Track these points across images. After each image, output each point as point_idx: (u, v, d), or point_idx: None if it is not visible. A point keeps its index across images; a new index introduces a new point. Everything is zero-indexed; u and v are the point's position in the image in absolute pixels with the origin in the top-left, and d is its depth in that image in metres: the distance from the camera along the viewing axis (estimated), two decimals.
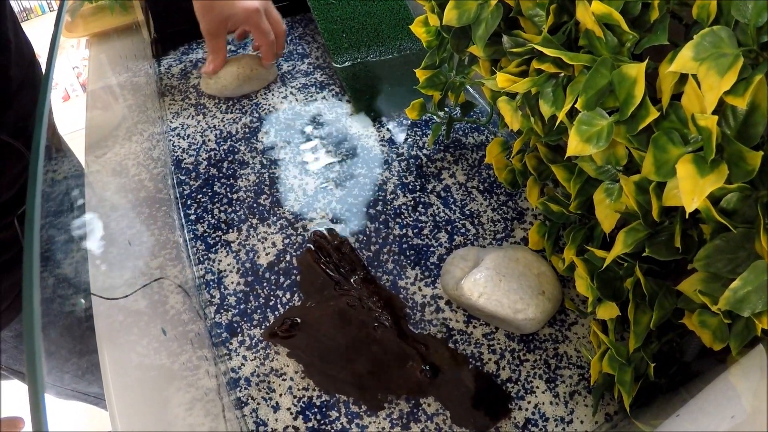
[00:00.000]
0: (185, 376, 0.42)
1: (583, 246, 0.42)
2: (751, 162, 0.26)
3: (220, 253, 0.52)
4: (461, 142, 0.62)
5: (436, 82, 0.55)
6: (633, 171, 0.34)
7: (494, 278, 0.45)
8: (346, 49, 0.70)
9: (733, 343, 0.30)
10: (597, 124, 0.32)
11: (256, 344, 0.46)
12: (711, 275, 0.30)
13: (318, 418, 0.42)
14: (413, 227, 0.54)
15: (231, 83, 0.66)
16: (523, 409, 0.43)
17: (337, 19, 0.70)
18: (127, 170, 0.58)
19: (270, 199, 0.56)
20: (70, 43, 0.84)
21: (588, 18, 0.32)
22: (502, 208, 0.56)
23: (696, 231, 0.33)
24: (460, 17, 0.40)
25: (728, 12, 0.27)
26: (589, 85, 0.32)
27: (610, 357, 0.38)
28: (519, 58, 0.38)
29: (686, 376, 0.39)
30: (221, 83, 0.66)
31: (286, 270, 0.50)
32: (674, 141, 0.29)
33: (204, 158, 0.60)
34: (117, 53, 0.72)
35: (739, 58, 0.25)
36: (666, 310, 0.34)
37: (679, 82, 0.29)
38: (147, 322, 0.45)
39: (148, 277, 0.48)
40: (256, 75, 0.68)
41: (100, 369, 0.42)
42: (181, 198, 0.56)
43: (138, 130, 0.63)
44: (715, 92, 0.26)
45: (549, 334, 0.47)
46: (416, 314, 0.48)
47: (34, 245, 0.25)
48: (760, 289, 0.26)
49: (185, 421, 0.40)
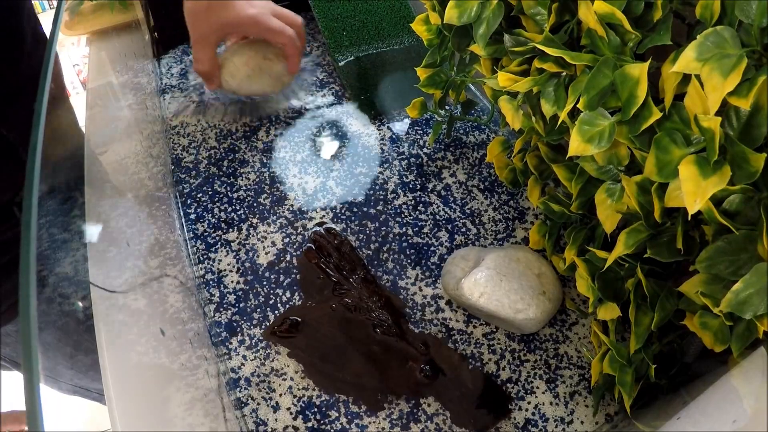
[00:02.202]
0: (185, 375, 0.42)
1: (584, 246, 0.42)
2: (754, 163, 0.26)
3: (220, 252, 0.51)
4: (462, 141, 0.62)
5: (437, 81, 0.54)
6: (635, 171, 0.34)
7: (495, 278, 0.44)
8: (346, 47, 0.69)
9: (734, 345, 0.30)
10: (599, 124, 0.32)
11: (256, 344, 0.46)
12: (713, 277, 0.30)
13: (318, 418, 0.42)
14: (413, 226, 0.54)
15: (236, 78, 0.57)
16: (523, 410, 0.43)
17: (338, 17, 0.70)
18: (126, 168, 0.58)
19: (270, 198, 0.56)
20: (70, 40, 0.84)
21: (590, 17, 0.32)
22: (503, 208, 0.56)
23: (698, 232, 0.33)
24: (461, 16, 0.40)
25: (732, 12, 0.26)
26: (591, 85, 0.31)
27: (611, 358, 0.38)
28: (520, 57, 0.38)
29: (687, 377, 0.39)
30: (224, 77, 0.57)
31: (286, 269, 0.50)
32: (677, 142, 0.29)
33: (204, 157, 0.60)
34: (117, 51, 0.72)
35: (743, 59, 0.25)
36: (667, 311, 0.34)
37: (681, 82, 0.29)
38: (147, 321, 0.45)
39: (148, 276, 0.48)
40: (269, 69, 0.58)
41: (100, 368, 0.42)
42: (181, 197, 0.56)
43: (138, 128, 0.62)
44: (718, 93, 0.25)
45: (549, 335, 0.47)
46: (416, 314, 0.48)
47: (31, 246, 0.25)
48: (762, 292, 0.26)
49: (185, 420, 0.40)
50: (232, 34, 0.58)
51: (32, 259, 0.25)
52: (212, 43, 0.56)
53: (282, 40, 0.57)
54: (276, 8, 0.58)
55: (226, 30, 0.56)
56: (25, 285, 0.25)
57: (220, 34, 0.56)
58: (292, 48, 0.58)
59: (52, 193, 0.45)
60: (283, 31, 0.56)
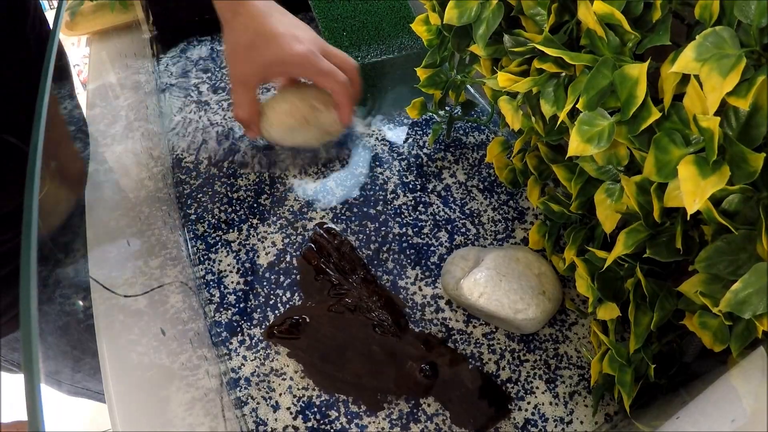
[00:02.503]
0: (185, 375, 0.42)
1: (584, 246, 0.42)
2: (753, 163, 0.26)
3: (220, 252, 0.52)
4: (462, 142, 0.62)
5: (437, 81, 0.55)
6: (634, 171, 0.34)
7: (494, 278, 0.44)
8: (346, 47, 0.69)
9: (733, 344, 0.30)
10: (598, 124, 0.32)
11: (256, 344, 0.46)
12: (712, 277, 0.30)
13: (317, 418, 0.42)
14: (413, 226, 0.54)
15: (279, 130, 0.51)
16: (522, 410, 0.43)
17: (338, 17, 0.70)
18: (126, 169, 0.58)
19: (270, 199, 0.56)
20: (70, 41, 0.84)
21: (590, 17, 0.32)
22: (503, 208, 0.56)
23: (697, 232, 0.33)
24: (461, 16, 0.40)
25: (731, 12, 0.26)
26: (591, 85, 0.32)
27: (611, 357, 0.38)
28: (520, 58, 0.38)
29: (686, 377, 0.39)
30: (264, 126, 0.52)
31: (287, 270, 0.50)
32: (676, 142, 0.29)
33: (204, 157, 0.60)
34: (117, 51, 0.72)
35: (742, 59, 0.25)
36: (666, 311, 0.34)
37: (681, 82, 0.29)
38: (147, 321, 0.45)
39: (148, 276, 0.48)
40: (316, 120, 0.51)
41: (101, 368, 0.42)
42: (181, 197, 0.56)
43: (138, 128, 0.62)
44: (717, 93, 0.26)
45: (549, 335, 0.47)
46: (416, 314, 0.48)
47: (32, 246, 0.25)
48: (761, 291, 0.26)
49: (185, 420, 0.40)
50: (277, 75, 0.52)
51: (33, 260, 0.25)
52: (253, 85, 0.51)
53: (332, 86, 0.50)
54: (326, 46, 0.52)
55: (269, 71, 0.50)
56: (25, 285, 0.25)
57: (263, 75, 0.51)
58: (344, 96, 0.51)
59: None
60: (334, 75, 0.50)
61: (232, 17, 0.49)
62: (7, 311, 0.60)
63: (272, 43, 0.49)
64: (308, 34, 0.51)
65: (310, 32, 0.51)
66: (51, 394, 0.26)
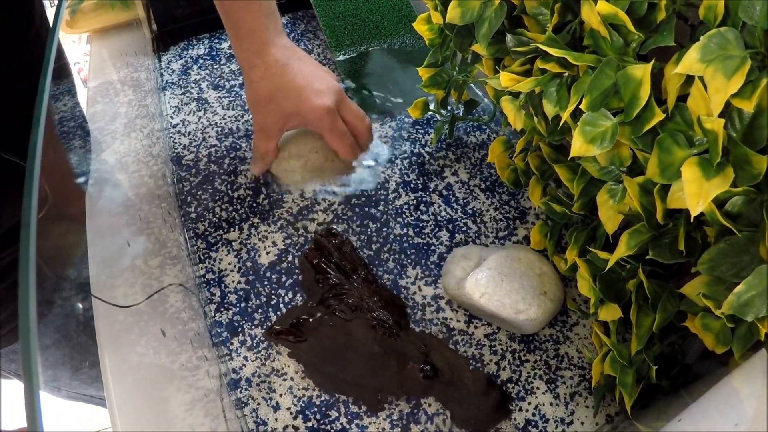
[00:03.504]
0: (185, 376, 0.42)
1: (586, 247, 0.42)
2: (757, 166, 0.26)
3: (221, 251, 0.51)
4: (463, 141, 0.62)
5: (439, 81, 0.54)
6: (637, 172, 0.34)
7: (496, 278, 0.44)
8: (348, 45, 0.69)
9: (735, 346, 0.30)
10: (601, 125, 0.32)
11: (257, 344, 0.46)
12: (714, 278, 0.30)
13: (318, 418, 0.42)
14: (414, 226, 0.54)
15: (292, 177, 0.55)
16: (523, 410, 0.43)
17: (339, 15, 0.70)
18: (126, 166, 0.58)
19: (271, 198, 0.56)
20: (71, 39, 0.84)
21: (593, 18, 0.32)
22: (505, 208, 0.55)
23: (700, 234, 0.32)
24: (463, 15, 0.40)
25: (735, 13, 0.26)
26: (594, 86, 0.31)
27: (612, 359, 0.38)
28: (523, 57, 0.38)
29: (688, 378, 0.39)
30: (278, 168, 0.55)
31: (288, 269, 0.50)
32: (679, 143, 0.29)
33: (204, 155, 0.60)
34: (118, 49, 0.72)
35: (747, 61, 0.25)
36: (669, 312, 0.34)
37: (685, 83, 0.29)
38: (147, 321, 0.45)
39: (147, 276, 0.48)
40: (330, 168, 0.55)
41: (101, 369, 0.42)
42: (182, 195, 0.56)
43: (138, 126, 0.62)
44: (721, 95, 0.25)
45: (550, 335, 0.47)
46: (417, 314, 0.48)
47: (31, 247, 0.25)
48: (763, 294, 0.26)
49: (185, 421, 0.40)
50: (296, 126, 0.54)
51: (32, 261, 0.25)
52: (274, 134, 0.53)
53: (338, 147, 0.53)
54: (344, 99, 0.53)
55: (289, 122, 0.52)
56: (24, 285, 0.25)
57: (283, 125, 0.53)
58: (347, 153, 0.54)
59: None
60: (342, 138, 0.52)
61: (250, 69, 0.51)
62: (6, 323, 0.60)
63: (292, 96, 0.51)
64: (328, 84, 0.52)
65: (330, 81, 0.53)
66: (49, 400, 0.26)
